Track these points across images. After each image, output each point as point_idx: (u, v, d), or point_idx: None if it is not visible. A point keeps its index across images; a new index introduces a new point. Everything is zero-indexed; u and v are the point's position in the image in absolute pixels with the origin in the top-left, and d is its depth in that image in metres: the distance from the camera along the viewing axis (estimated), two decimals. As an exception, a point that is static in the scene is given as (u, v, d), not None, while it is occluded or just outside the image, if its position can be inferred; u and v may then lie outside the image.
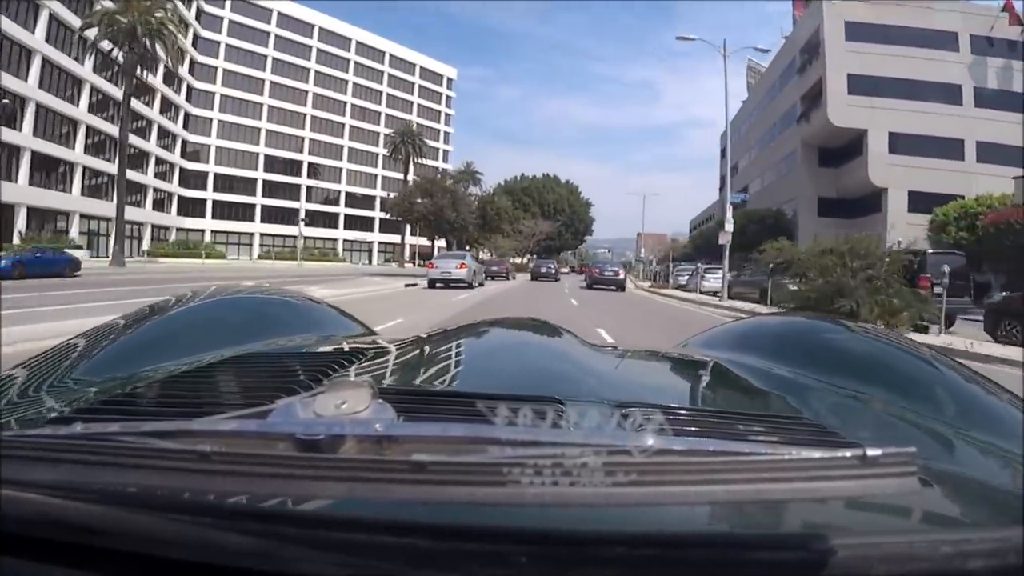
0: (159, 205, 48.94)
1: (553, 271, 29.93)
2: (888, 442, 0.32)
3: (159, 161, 48.01)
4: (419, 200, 30.71)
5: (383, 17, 76.91)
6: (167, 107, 48.92)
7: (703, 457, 0.35)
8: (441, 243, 35.76)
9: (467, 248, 33.24)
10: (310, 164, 61.48)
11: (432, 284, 17.80)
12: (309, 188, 61.63)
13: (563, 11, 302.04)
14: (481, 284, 20.72)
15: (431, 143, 66.94)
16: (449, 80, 78.29)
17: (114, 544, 0.35)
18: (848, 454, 0.34)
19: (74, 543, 0.35)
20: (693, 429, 0.52)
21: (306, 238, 58.04)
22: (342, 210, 64.25)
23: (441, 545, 0.33)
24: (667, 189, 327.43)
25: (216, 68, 54.98)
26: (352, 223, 64.70)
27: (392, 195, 35.88)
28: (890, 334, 1.06)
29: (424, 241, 49.08)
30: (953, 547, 0.33)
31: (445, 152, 75.71)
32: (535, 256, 50.86)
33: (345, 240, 63.75)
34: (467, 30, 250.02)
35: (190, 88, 52.82)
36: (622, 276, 23.06)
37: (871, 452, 0.34)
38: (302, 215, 48.75)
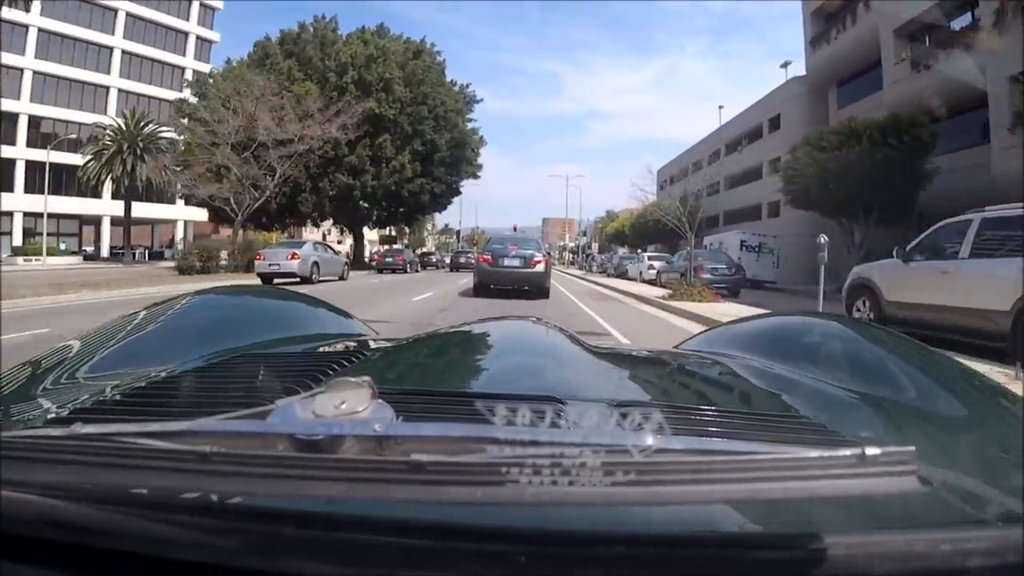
0: None
1: (474, 261, 27.58)
2: (888, 441, 0.34)
3: None
4: None
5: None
6: None
7: (702, 456, 0.35)
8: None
9: None
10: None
11: (268, 280, 14.11)
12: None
13: (467, 5, 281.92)
14: (343, 278, 17.03)
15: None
16: (206, 9, 43.47)
17: (113, 545, 0.34)
18: (847, 453, 0.35)
19: (74, 544, 0.35)
20: (692, 428, 0.51)
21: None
22: (20, 152, 33.59)
23: (440, 545, 0.32)
24: (569, 177, 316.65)
25: None
26: (64, 184, 34.24)
27: None
28: (893, 332, 1.00)
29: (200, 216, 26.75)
30: (953, 545, 0.33)
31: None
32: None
33: (32, 214, 32.82)
34: (367, 17, 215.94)
35: None
36: (541, 268, 11.11)
37: (870, 451, 0.35)
38: None
